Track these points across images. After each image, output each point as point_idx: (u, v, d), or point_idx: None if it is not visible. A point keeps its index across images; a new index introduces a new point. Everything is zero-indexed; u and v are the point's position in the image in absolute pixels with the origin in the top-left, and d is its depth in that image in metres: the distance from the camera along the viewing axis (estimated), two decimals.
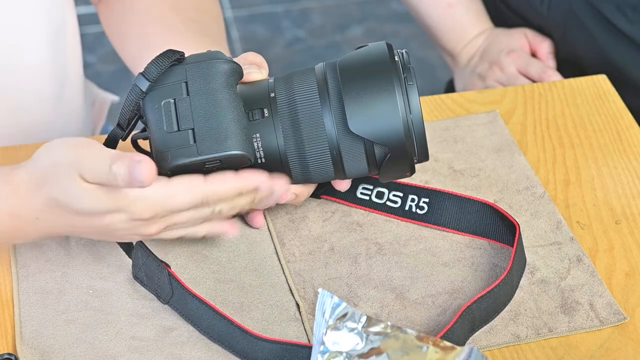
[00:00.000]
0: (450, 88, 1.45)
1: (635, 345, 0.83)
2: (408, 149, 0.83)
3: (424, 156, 0.85)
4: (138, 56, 1.04)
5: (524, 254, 0.89)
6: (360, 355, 0.73)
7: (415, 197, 0.94)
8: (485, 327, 0.84)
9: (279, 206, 0.94)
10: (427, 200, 0.93)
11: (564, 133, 1.04)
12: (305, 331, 0.84)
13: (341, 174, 0.86)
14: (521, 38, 1.32)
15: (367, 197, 0.94)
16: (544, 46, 1.31)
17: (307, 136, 0.83)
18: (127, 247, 0.87)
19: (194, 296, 0.82)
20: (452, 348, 0.72)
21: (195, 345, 0.83)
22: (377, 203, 0.94)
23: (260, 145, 0.83)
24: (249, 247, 0.91)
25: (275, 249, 0.91)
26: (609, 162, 1.00)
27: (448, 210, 0.93)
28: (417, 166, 0.86)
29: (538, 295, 0.87)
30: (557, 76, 1.26)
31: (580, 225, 0.94)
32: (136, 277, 0.87)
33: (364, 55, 0.85)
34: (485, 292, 0.83)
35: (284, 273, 0.89)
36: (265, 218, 0.94)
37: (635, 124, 1.05)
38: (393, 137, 0.82)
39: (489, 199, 0.95)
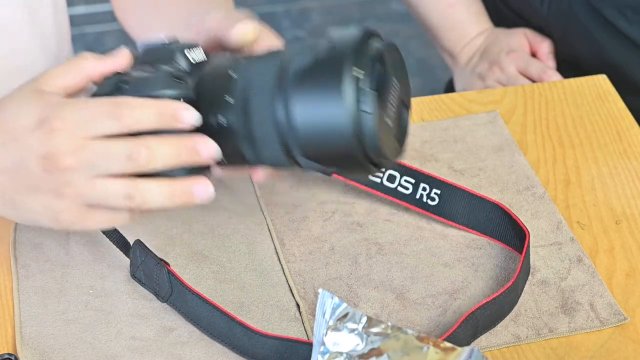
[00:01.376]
0: (450, 88, 1.45)
1: (636, 346, 0.83)
2: (356, 155, 0.72)
3: (387, 157, 0.74)
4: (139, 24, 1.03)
5: (529, 262, 0.88)
6: (361, 356, 0.73)
7: (427, 187, 0.92)
8: None
9: (278, 206, 0.94)
10: (438, 191, 0.92)
11: (564, 133, 1.04)
12: (306, 331, 0.84)
13: (294, 165, 0.77)
14: (521, 38, 1.32)
15: (378, 180, 0.93)
16: (544, 46, 1.30)
17: (256, 119, 0.75)
18: (125, 246, 0.87)
19: (194, 293, 0.82)
20: (453, 349, 0.72)
21: (195, 345, 0.83)
22: (388, 187, 0.93)
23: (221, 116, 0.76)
24: (249, 247, 0.91)
25: (276, 249, 0.91)
26: (609, 162, 1.00)
27: (459, 205, 0.92)
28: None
29: (538, 296, 0.87)
30: (557, 76, 1.26)
31: (581, 225, 0.94)
32: (134, 276, 0.87)
33: (330, 43, 0.74)
34: (491, 299, 0.82)
35: (284, 273, 0.89)
36: (265, 218, 0.94)
37: (636, 124, 1.05)
38: (337, 141, 0.72)
39: None
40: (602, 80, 1.11)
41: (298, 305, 0.86)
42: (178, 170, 0.75)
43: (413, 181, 0.93)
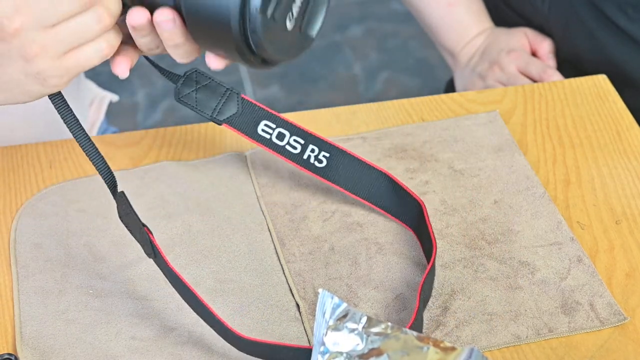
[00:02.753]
0: (450, 87, 1.45)
1: (636, 346, 0.83)
2: (234, 31, 0.73)
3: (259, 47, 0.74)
4: None
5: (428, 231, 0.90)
6: (361, 356, 0.73)
7: (316, 149, 0.93)
8: (484, 327, 0.84)
9: (278, 206, 0.94)
10: (327, 154, 0.93)
11: (564, 133, 1.04)
12: (306, 331, 0.84)
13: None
14: (521, 37, 1.32)
15: (267, 136, 0.93)
16: (545, 46, 1.31)
17: None
18: (113, 186, 0.83)
19: (173, 272, 0.81)
20: (453, 349, 0.72)
21: (195, 345, 0.83)
22: (276, 144, 0.93)
23: None
24: (249, 247, 0.91)
25: (275, 249, 0.91)
26: (609, 162, 1.00)
27: (346, 171, 0.93)
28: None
29: (538, 296, 0.87)
30: (557, 76, 1.26)
31: (581, 225, 0.94)
32: (122, 219, 0.84)
33: None
34: (428, 270, 0.85)
35: (284, 273, 0.89)
36: (265, 218, 0.94)
37: (635, 124, 1.05)
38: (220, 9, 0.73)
39: (489, 199, 0.96)
40: (602, 80, 1.11)
41: (298, 305, 0.86)
42: None
43: (302, 142, 0.93)
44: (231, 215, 0.94)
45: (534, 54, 1.32)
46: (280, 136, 0.93)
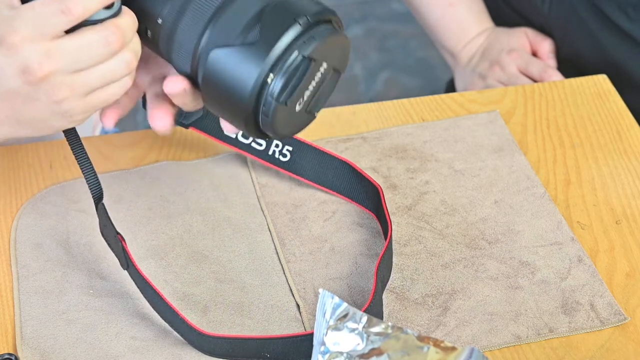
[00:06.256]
0: (450, 87, 1.45)
1: (636, 346, 0.83)
2: (247, 112, 0.75)
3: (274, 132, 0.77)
4: None
5: (387, 216, 0.91)
6: (361, 356, 0.73)
7: (279, 143, 0.96)
8: (485, 327, 0.84)
9: (278, 206, 0.94)
10: (290, 148, 0.95)
11: (565, 133, 1.04)
12: (306, 331, 0.84)
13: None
14: (522, 37, 1.32)
15: (233, 135, 0.95)
16: (545, 45, 1.31)
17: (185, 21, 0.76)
18: (98, 197, 0.84)
19: (143, 278, 0.82)
20: (453, 348, 0.72)
21: None
22: (242, 143, 0.96)
23: None
24: (250, 247, 0.91)
25: (276, 249, 0.91)
26: (610, 162, 1.00)
27: (309, 162, 0.95)
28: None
29: (539, 296, 0.87)
30: (557, 75, 1.26)
31: (581, 225, 0.94)
32: (102, 233, 0.86)
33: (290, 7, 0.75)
34: (384, 250, 0.86)
35: (284, 273, 0.89)
36: (265, 218, 0.94)
37: (636, 124, 1.05)
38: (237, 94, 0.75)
39: (490, 199, 0.95)
40: (602, 80, 1.11)
41: (298, 305, 0.86)
42: None
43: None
44: (231, 215, 0.94)
45: (534, 53, 1.32)
46: (246, 134, 0.95)
